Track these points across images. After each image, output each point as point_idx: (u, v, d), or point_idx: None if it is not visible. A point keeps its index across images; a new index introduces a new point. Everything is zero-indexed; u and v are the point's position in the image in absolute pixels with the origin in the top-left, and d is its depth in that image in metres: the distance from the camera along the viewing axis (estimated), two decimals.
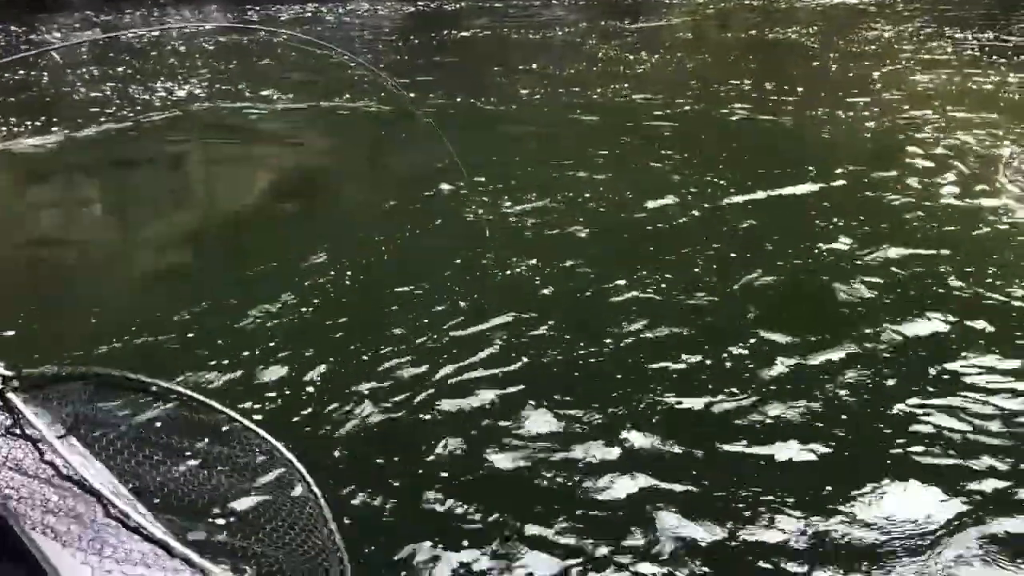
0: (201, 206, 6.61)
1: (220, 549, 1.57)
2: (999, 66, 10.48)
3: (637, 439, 3.40)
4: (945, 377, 3.83)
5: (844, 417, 3.55)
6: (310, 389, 3.76)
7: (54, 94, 8.91)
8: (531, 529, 2.92)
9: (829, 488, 3.11)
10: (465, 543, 2.86)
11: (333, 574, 1.59)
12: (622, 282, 4.78)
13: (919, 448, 3.33)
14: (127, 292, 4.83)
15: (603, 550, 2.83)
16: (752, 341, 4.13)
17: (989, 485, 3.13)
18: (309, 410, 3.61)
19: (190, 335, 4.20)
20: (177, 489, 1.70)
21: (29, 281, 4.98)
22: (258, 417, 3.50)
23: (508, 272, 4.96)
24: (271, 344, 4.13)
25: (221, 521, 1.87)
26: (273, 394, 3.71)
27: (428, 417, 3.58)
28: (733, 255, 5.14)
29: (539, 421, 3.52)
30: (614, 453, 3.32)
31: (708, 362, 3.97)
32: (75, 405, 1.65)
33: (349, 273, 4.97)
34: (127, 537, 1.30)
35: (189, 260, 5.38)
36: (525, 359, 4.00)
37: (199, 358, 3.97)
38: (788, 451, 3.34)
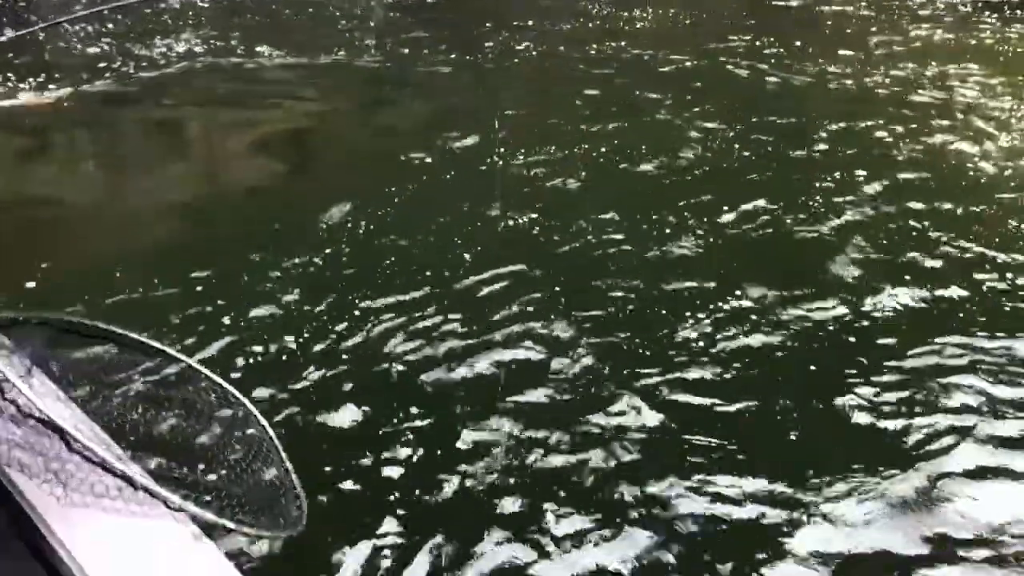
0: (205, 161, 6.67)
1: (181, 483, 1.60)
2: (993, 21, 10.49)
3: (621, 390, 3.53)
4: (919, 329, 3.97)
5: (813, 368, 3.70)
6: (297, 343, 3.83)
7: (52, 50, 8.86)
8: (513, 481, 3.02)
9: (798, 435, 3.29)
10: (442, 492, 2.98)
11: (290, 508, 1.65)
12: (620, 235, 4.91)
13: (890, 401, 3.47)
14: (131, 245, 4.85)
15: (585, 497, 2.96)
16: (737, 293, 4.26)
17: (953, 434, 3.27)
18: (298, 362, 3.69)
19: (199, 288, 4.28)
20: (138, 428, 1.72)
21: (30, 237, 5.04)
22: (241, 367, 3.62)
23: (511, 223, 5.05)
24: (274, 296, 4.22)
25: (181, 459, 1.90)
26: (259, 348, 3.78)
27: (405, 370, 3.65)
28: (726, 208, 5.25)
29: (526, 375, 3.62)
30: (599, 403, 3.45)
31: (692, 313, 4.09)
32: (35, 348, 1.67)
33: (361, 224, 5.03)
34: (92, 469, 1.33)
35: (192, 215, 5.42)
36: (520, 311, 4.10)
37: (199, 310, 4.04)
38: (765, 401, 3.48)
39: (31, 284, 4.26)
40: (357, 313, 4.08)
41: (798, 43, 9.37)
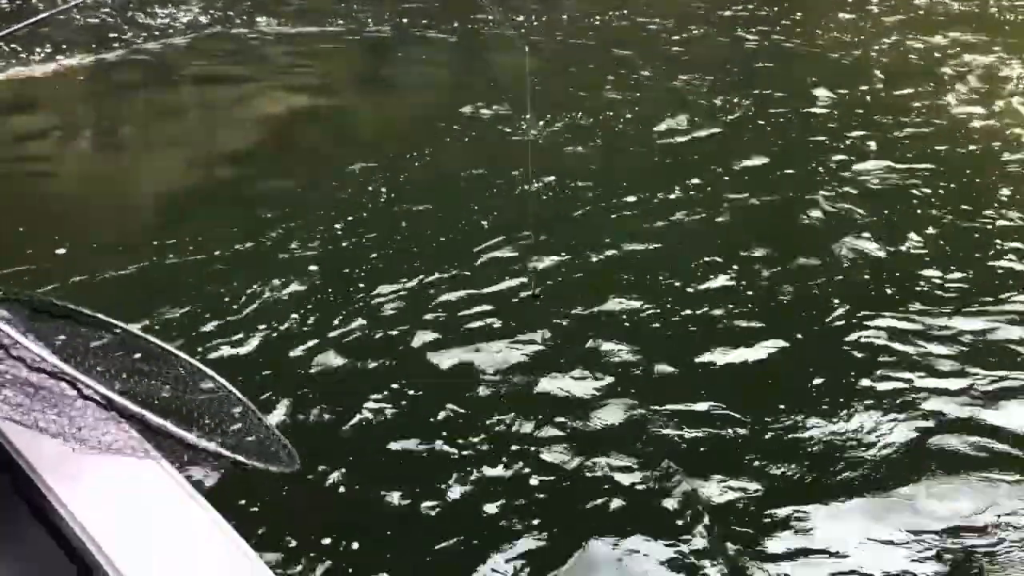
0: (214, 131, 6.67)
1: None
2: None
3: (617, 354, 3.63)
4: (910, 297, 4.06)
5: (800, 336, 3.78)
6: (310, 310, 3.90)
7: (56, 21, 8.79)
8: (513, 437, 3.13)
9: (787, 401, 3.39)
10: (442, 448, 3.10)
11: (280, 455, 1.72)
12: (632, 198, 5.01)
13: (880, 370, 3.58)
14: (137, 217, 4.92)
15: (581, 452, 3.07)
16: (735, 265, 4.34)
17: (939, 401, 3.39)
18: (313, 331, 3.76)
19: (217, 251, 4.36)
20: (124, 393, 1.81)
21: (35, 208, 5.05)
22: (254, 333, 3.69)
23: (525, 188, 5.12)
24: (290, 262, 4.29)
25: (168, 421, 2.00)
26: (273, 315, 3.85)
27: (415, 337, 3.72)
28: (727, 178, 5.34)
29: (534, 344, 3.69)
30: (593, 365, 3.57)
31: (683, 282, 4.19)
32: (19, 317, 1.69)
33: (380, 190, 5.09)
34: (102, 419, 1.36)
35: (203, 185, 5.43)
36: (519, 282, 4.18)
37: (213, 280, 4.10)
38: (752, 363, 3.61)
39: (61, 251, 4.31)
40: (367, 285, 4.13)
41: (800, 13, 9.39)
